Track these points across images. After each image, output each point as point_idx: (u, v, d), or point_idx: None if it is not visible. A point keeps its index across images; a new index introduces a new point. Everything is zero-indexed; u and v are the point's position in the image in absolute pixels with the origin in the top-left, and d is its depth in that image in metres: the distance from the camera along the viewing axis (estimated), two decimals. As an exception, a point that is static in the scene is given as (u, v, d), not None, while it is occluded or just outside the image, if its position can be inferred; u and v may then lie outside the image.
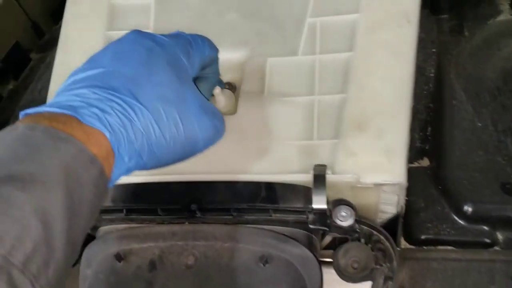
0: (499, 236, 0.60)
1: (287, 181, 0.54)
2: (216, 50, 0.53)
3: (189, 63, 0.47)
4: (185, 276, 0.52)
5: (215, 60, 0.54)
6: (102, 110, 0.39)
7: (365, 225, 0.52)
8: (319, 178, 0.53)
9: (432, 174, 0.65)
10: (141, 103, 0.41)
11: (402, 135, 0.55)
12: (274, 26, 0.68)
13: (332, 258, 0.53)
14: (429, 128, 0.71)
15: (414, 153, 0.68)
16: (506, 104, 0.67)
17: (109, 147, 0.39)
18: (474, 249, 0.59)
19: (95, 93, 0.40)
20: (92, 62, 0.44)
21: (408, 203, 0.63)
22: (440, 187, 0.64)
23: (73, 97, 0.40)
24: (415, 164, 0.68)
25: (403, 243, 0.62)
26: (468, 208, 0.61)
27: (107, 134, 0.39)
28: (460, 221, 0.61)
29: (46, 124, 0.37)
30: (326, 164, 0.55)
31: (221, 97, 0.63)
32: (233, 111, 0.62)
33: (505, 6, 0.80)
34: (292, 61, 0.64)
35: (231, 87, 0.67)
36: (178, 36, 0.48)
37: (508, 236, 0.60)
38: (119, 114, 0.40)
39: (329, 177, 0.53)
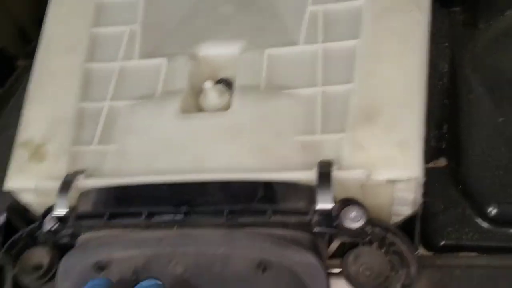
0: (529, 240, 0.53)
1: (287, 180, 0.48)
2: None
3: None
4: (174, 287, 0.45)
5: None
6: None
7: (378, 227, 0.46)
8: (324, 175, 0.47)
9: (451, 174, 0.59)
10: None
11: (417, 126, 0.49)
12: (271, 17, 0.63)
13: (341, 266, 0.46)
14: (445, 126, 0.64)
15: (429, 153, 0.62)
16: (529, 95, 0.60)
17: None
18: (502, 254, 0.52)
19: None
20: None
21: (425, 206, 0.57)
22: (460, 188, 0.57)
23: None
24: (431, 165, 0.62)
25: (421, 250, 0.55)
26: (492, 210, 0.54)
27: None
28: (484, 224, 0.55)
29: None
30: (332, 160, 0.48)
31: (212, 93, 0.58)
32: (227, 107, 0.56)
33: (521, -3, 0.75)
34: (292, 52, 0.59)
35: (226, 83, 0.61)
36: None
37: (540, 241, 0.53)
38: None
39: (336, 173, 0.47)
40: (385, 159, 0.47)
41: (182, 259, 0.46)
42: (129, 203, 0.50)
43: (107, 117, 0.59)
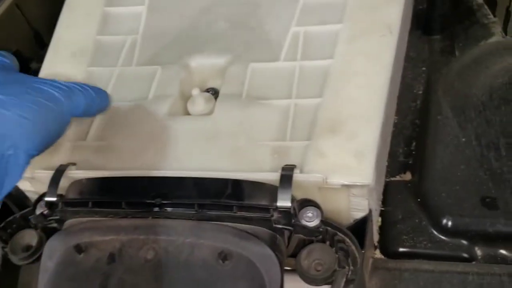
0: (478, 251, 0.58)
1: (255, 180, 0.53)
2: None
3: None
4: (143, 270, 0.50)
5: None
6: None
7: (330, 226, 0.51)
8: (286, 177, 0.52)
9: (413, 187, 0.64)
10: None
11: (373, 138, 0.54)
12: (259, 35, 0.69)
13: (295, 262, 0.51)
14: (414, 143, 0.69)
15: (397, 167, 0.68)
16: (491, 119, 0.65)
17: None
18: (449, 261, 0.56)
19: None
20: None
21: (385, 215, 0.62)
22: (419, 200, 0.62)
23: None
24: (397, 178, 0.67)
25: (378, 255, 0.60)
26: (446, 221, 0.59)
27: None
28: (438, 234, 0.59)
29: None
30: (296, 164, 0.54)
31: (200, 99, 0.63)
32: (211, 113, 0.62)
33: (497, 29, 0.80)
34: (273, 67, 0.64)
35: (214, 91, 0.67)
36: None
37: (487, 252, 0.57)
38: None
39: (297, 176, 0.52)
40: (342, 166, 0.52)
41: (154, 245, 0.51)
42: (111, 194, 0.55)
43: (103, 116, 0.64)
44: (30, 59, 0.96)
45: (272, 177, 0.53)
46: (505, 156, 0.62)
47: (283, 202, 0.50)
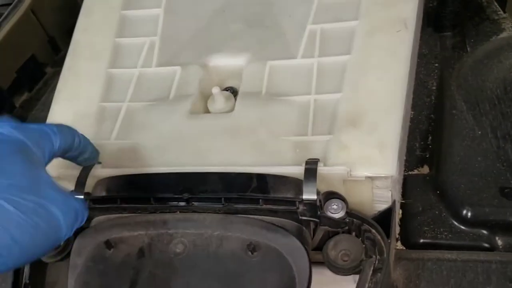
0: (498, 241, 0.59)
1: (279, 173, 0.54)
2: (71, 139, 0.52)
3: (39, 153, 0.47)
4: (173, 264, 0.51)
5: (74, 147, 0.53)
6: None
7: (355, 218, 0.52)
8: (310, 170, 0.53)
9: (431, 180, 0.65)
10: None
11: (394, 130, 0.55)
12: (276, 34, 0.70)
13: (322, 252, 0.52)
14: (430, 138, 0.71)
15: (414, 161, 0.69)
16: (506, 112, 0.66)
17: None
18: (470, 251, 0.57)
19: None
20: None
21: (406, 207, 0.63)
22: (438, 192, 0.63)
23: None
24: (415, 172, 0.68)
25: (400, 247, 0.61)
26: (466, 212, 0.60)
27: None
28: (458, 225, 0.60)
29: None
30: (319, 158, 0.55)
31: (220, 97, 0.64)
32: (232, 111, 0.63)
33: (507, 25, 0.81)
34: (291, 64, 0.65)
35: (233, 90, 0.68)
36: (28, 128, 0.48)
37: (508, 241, 0.58)
38: None
39: (321, 169, 0.53)
40: (365, 159, 0.53)
41: (182, 239, 0.52)
42: (139, 190, 0.56)
43: (125, 115, 0.66)
44: (45, 64, 0.98)
45: (295, 170, 0.54)
46: (522, 147, 0.63)
47: (309, 194, 0.51)
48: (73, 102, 0.69)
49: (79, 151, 0.54)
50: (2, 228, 0.40)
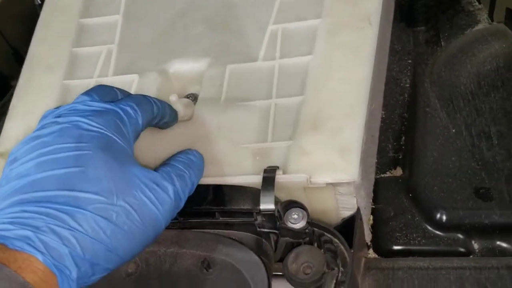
0: (475, 244, 0.56)
1: (238, 184, 0.51)
2: (151, 109, 0.50)
3: (123, 140, 0.44)
4: (125, 284, 0.48)
5: (154, 115, 0.50)
6: (35, 229, 0.36)
7: (317, 227, 0.48)
8: (268, 179, 0.50)
9: (404, 182, 0.62)
10: (80, 207, 0.38)
11: (357, 133, 0.52)
12: (238, 36, 0.67)
13: (283, 266, 0.49)
14: (403, 138, 0.67)
15: (387, 163, 0.65)
16: (480, 108, 0.63)
17: (47, 270, 0.36)
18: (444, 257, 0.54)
19: (24, 211, 0.37)
20: (15, 166, 0.41)
21: (377, 213, 0.60)
22: (411, 195, 0.60)
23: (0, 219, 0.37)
24: (388, 174, 0.64)
25: (372, 255, 0.58)
26: (440, 216, 0.57)
27: (40, 257, 0.36)
28: (432, 229, 0.57)
29: None
30: (279, 165, 0.52)
31: (178, 106, 0.61)
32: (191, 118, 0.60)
33: (483, 16, 0.78)
34: (251, 67, 0.62)
35: (194, 97, 0.65)
36: (105, 113, 0.45)
37: (484, 245, 0.55)
38: (56, 228, 0.37)
39: (280, 177, 0.50)
40: (326, 164, 0.50)
41: (135, 258, 0.49)
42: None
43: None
44: (11, 77, 0.95)
45: (254, 180, 0.51)
46: (497, 144, 0.60)
47: (266, 205, 0.48)
48: (27, 117, 0.66)
49: (159, 118, 0.51)
50: (96, 241, 0.38)
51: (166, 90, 0.65)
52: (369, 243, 0.58)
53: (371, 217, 0.59)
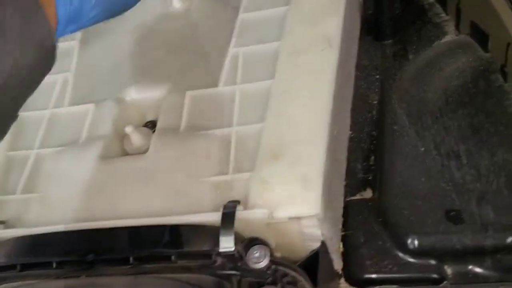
0: (448, 270, 0.53)
1: (197, 222, 0.49)
2: None
3: None
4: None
5: None
6: None
7: (280, 265, 0.46)
8: (227, 215, 0.47)
9: (373, 205, 0.59)
10: None
11: (319, 161, 0.49)
12: (198, 60, 0.65)
13: (248, 308, 0.46)
14: (372, 158, 0.65)
15: (356, 185, 0.63)
16: (448, 126, 0.61)
17: None
18: (420, 286, 0.52)
19: None
20: None
21: (347, 239, 0.57)
22: (381, 219, 0.58)
23: None
24: (358, 196, 0.62)
25: (344, 285, 0.56)
26: (411, 241, 0.55)
27: None
28: (403, 256, 0.55)
29: None
30: (240, 199, 0.49)
31: (135, 136, 0.59)
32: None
33: (450, 28, 0.76)
34: (211, 93, 0.60)
35: (152, 125, 0.62)
36: None
37: (457, 269, 0.53)
38: None
39: (240, 214, 0.48)
40: (287, 197, 0.48)
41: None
42: (40, 254, 0.50)
43: (33, 165, 0.60)
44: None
45: (214, 217, 0.48)
46: (466, 164, 0.58)
47: (226, 244, 0.46)
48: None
49: None
50: None
51: (123, 119, 0.62)
52: (340, 272, 0.56)
53: (341, 245, 0.57)
